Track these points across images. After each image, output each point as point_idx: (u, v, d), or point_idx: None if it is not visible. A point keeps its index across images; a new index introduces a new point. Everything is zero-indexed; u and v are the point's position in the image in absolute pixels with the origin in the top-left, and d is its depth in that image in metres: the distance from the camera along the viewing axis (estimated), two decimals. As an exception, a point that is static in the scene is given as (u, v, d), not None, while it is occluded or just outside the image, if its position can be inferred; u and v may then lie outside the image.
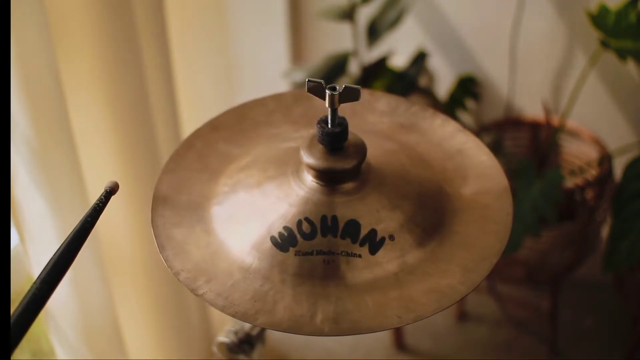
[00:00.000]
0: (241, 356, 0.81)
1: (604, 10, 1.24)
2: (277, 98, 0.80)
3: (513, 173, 1.39)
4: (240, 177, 0.70)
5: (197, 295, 0.61)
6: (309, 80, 0.63)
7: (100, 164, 1.08)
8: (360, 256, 0.63)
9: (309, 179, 0.66)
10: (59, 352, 1.08)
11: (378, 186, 0.67)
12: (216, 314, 1.44)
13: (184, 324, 1.32)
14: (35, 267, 1.01)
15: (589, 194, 1.40)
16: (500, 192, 0.70)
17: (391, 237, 0.64)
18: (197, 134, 0.76)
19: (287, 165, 0.68)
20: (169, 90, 1.16)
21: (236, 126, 0.77)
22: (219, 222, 0.67)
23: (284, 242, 0.63)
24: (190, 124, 1.31)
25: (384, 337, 1.58)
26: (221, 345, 0.81)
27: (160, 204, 0.69)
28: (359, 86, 0.63)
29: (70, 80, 0.98)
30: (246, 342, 0.81)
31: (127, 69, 1.03)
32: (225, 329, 0.81)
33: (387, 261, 0.63)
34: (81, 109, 1.02)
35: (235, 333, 0.81)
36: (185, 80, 1.34)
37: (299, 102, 0.79)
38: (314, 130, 0.66)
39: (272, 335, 1.43)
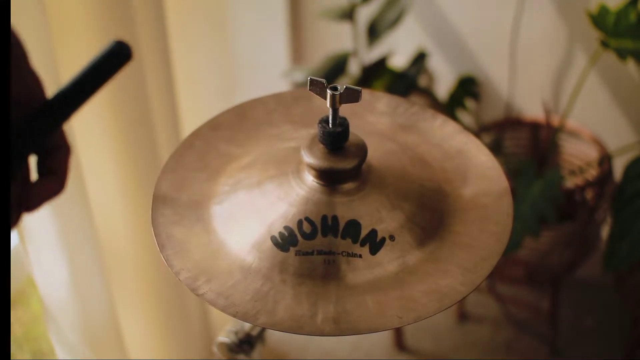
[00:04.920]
0: (241, 356, 0.81)
1: (604, 10, 1.24)
2: (277, 97, 0.80)
3: (513, 173, 1.39)
4: (240, 177, 0.70)
5: (197, 295, 0.61)
6: (311, 79, 0.63)
7: (100, 163, 1.08)
8: (360, 256, 0.63)
9: (310, 179, 0.66)
10: (59, 352, 1.07)
11: (378, 186, 0.67)
12: (216, 314, 1.44)
13: (184, 324, 1.32)
14: (36, 267, 1.00)
15: (589, 194, 1.40)
16: (501, 193, 0.70)
17: (391, 238, 0.64)
18: (197, 133, 0.76)
19: (287, 165, 0.68)
20: (169, 90, 1.16)
21: (236, 125, 0.77)
22: (219, 222, 0.67)
23: (284, 241, 0.63)
24: (190, 124, 1.31)
25: (384, 337, 1.57)
26: (221, 345, 0.81)
27: (161, 203, 0.68)
28: (360, 87, 0.62)
29: (70, 80, 0.98)
30: (246, 342, 0.81)
31: (127, 68, 1.02)
32: (226, 329, 0.81)
33: (387, 261, 0.63)
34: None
35: (235, 333, 0.81)
36: (185, 80, 1.34)
37: (298, 102, 0.79)
38: (314, 130, 0.66)
39: (272, 335, 1.43)
